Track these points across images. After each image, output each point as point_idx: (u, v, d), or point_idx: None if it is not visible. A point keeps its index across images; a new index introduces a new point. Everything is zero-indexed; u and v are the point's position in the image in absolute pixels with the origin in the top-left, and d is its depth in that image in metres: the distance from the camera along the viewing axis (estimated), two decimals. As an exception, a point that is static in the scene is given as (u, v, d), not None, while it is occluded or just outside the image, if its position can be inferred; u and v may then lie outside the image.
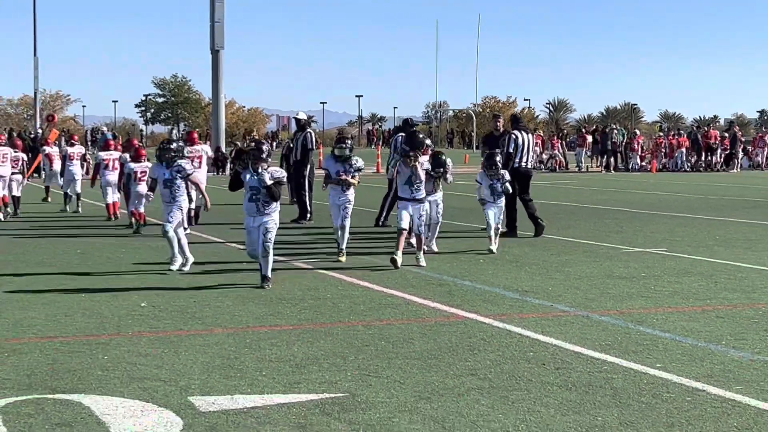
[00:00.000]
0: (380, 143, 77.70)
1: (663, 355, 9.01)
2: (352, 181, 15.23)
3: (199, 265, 14.64)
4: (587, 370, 8.44)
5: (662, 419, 7.04)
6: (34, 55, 60.13)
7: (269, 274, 12.66)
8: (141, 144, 23.45)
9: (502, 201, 16.65)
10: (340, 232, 15.32)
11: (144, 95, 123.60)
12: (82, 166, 26.88)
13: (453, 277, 13.68)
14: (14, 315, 10.85)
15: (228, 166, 48.19)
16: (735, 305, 11.64)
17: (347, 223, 15.31)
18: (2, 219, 23.05)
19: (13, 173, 24.07)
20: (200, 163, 21.14)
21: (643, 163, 53.75)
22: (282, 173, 12.97)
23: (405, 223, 14.61)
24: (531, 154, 19.77)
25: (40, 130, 44.69)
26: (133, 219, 20.45)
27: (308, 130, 23.39)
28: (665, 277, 13.80)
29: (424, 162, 15.11)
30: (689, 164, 53.42)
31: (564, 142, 58.19)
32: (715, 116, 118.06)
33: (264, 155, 12.71)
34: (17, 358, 8.88)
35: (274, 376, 8.23)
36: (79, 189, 25.66)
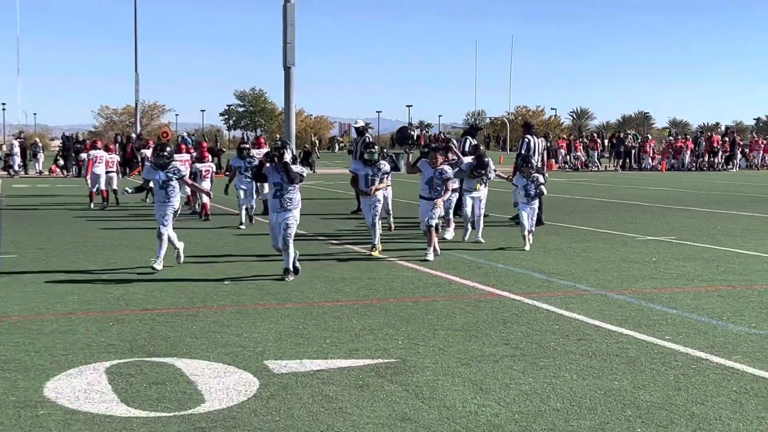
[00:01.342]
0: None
1: (671, 328, 8.93)
2: (380, 187, 14.34)
3: (271, 249, 14.69)
4: (605, 341, 8.38)
5: (670, 384, 6.97)
6: (135, 71, 60.50)
7: (290, 266, 11.79)
8: (206, 147, 24.03)
9: (536, 203, 15.23)
10: (372, 229, 14.48)
11: (227, 105, 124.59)
12: None
13: (489, 261, 13.62)
14: (118, 290, 10.96)
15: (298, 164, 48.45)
16: (734, 286, 11.50)
17: (377, 221, 14.46)
18: (102, 209, 23.56)
19: (107, 172, 24.93)
20: (254, 160, 21.79)
21: (654, 164, 53.40)
22: (302, 169, 12.16)
23: (433, 221, 13.84)
24: (540, 155, 19.67)
25: (133, 135, 45.03)
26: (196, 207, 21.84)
27: (366, 135, 23.55)
28: (673, 261, 13.66)
29: (447, 170, 14.05)
30: (694, 164, 53.16)
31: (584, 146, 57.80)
32: (717, 123, 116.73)
33: (287, 156, 12.02)
34: (121, 326, 8.96)
35: (336, 344, 8.24)
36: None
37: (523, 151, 18.95)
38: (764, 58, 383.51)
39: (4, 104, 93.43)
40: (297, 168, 11.98)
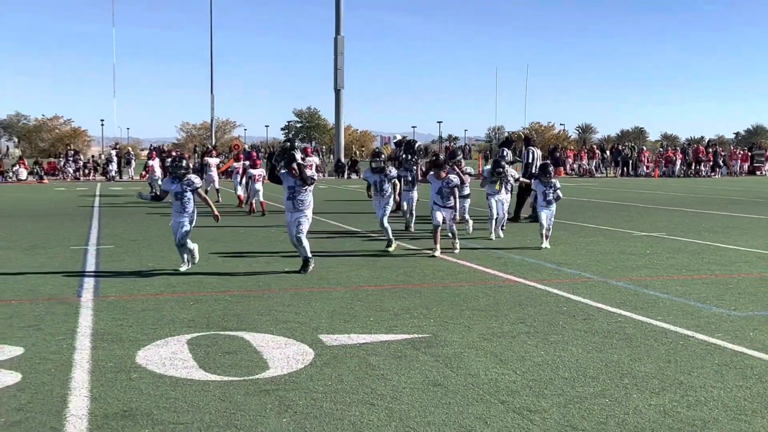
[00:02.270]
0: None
1: (663, 310, 8.83)
2: (393, 195, 13.97)
3: (324, 242, 14.74)
4: (606, 321, 8.31)
5: (662, 357, 6.90)
6: (211, 92, 61.19)
7: (308, 255, 11.32)
8: (257, 156, 24.55)
9: (554, 206, 14.44)
10: (384, 228, 13.84)
11: (287, 121, 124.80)
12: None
13: (507, 253, 13.56)
14: (196, 276, 11.03)
15: (346, 172, 48.59)
16: (716, 275, 11.35)
17: (385, 220, 13.81)
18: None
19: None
20: (311, 169, 22.26)
21: (648, 171, 52.93)
22: (313, 173, 11.73)
23: (439, 220, 13.17)
24: (539, 162, 19.74)
25: (209, 146, 45.31)
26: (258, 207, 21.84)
27: (415, 146, 23.74)
28: (664, 253, 13.51)
29: (453, 179, 13.35)
30: (683, 172, 52.72)
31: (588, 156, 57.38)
32: (702, 136, 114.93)
33: (298, 156, 11.61)
34: (199, 305, 9.02)
35: (378, 321, 8.24)
36: (217, 186, 26.69)
37: (529, 160, 19.32)
38: (742, 79, 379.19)
39: (102, 120, 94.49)
40: (309, 171, 11.64)
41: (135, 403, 5.63)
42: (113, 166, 46.44)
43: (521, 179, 17.56)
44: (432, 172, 13.57)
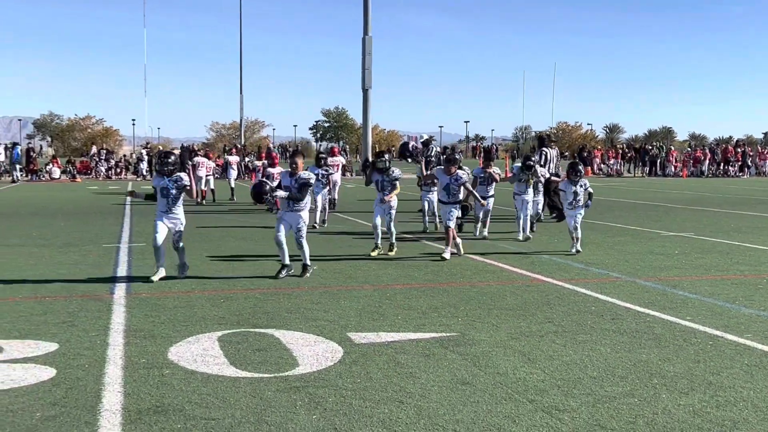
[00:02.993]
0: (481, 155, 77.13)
1: (692, 310, 8.77)
2: (392, 196, 13.31)
3: (352, 241, 14.77)
4: (635, 321, 8.26)
5: (691, 357, 6.85)
6: (240, 92, 61.48)
7: (308, 261, 10.90)
8: (276, 155, 25.04)
9: (583, 208, 13.62)
10: (386, 233, 13.31)
11: (315, 121, 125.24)
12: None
13: (535, 252, 13.51)
14: (227, 273, 11.10)
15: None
16: (746, 275, 11.25)
17: (392, 225, 13.28)
18: (203, 204, 24.78)
19: (206, 176, 26.08)
20: (337, 168, 22.36)
21: (676, 171, 52.51)
22: (309, 175, 10.99)
23: (452, 222, 12.80)
24: (555, 162, 19.71)
25: (238, 146, 45.54)
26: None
27: (431, 146, 23.71)
28: (693, 253, 13.40)
29: (462, 175, 12.96)
30: (711, 172, 52.24)
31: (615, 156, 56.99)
32: (730, 136, 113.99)
33: (298, 162, 10.97)
34: (230, 303, 9.07)
35: (406, 320, 8.25)
36: (232, 184, 27.72)
37: (542, 161, 19.22)
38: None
39: (134, 120, 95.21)
40: (304, 176, 10.89)
41: (167, 398, 5.68)
42: (144, 165, 46.83)
43: (553, 178, 17.43)
44: (441, 167, 13.26)
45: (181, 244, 10.71)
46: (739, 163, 52.96)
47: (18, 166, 42.36)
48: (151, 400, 5.65)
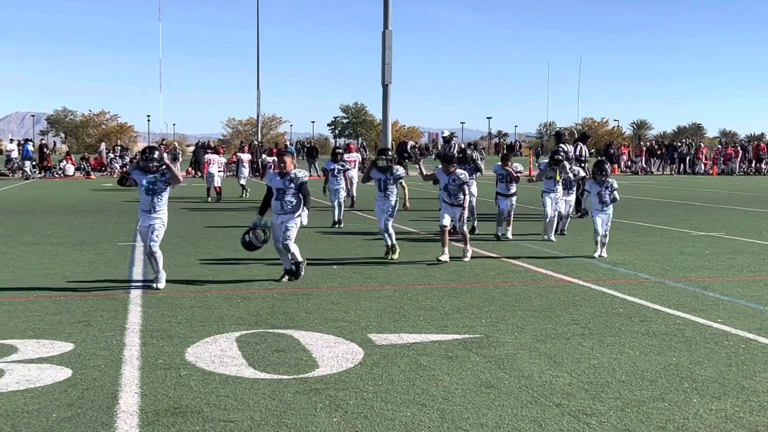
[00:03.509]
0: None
1: (723, 312, 8.71)
2: (394, 194, 12.77)
3: (371, 239, 14.77)
4: (664, 323, 8.22)
5: (722, 360, 6.81)
6: (258, 88, 61.36)
7: (299, 258, 10.50)
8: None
9: (610, 210, 13.01)
10: (386, 234, 12.68)
11: (333, 117, 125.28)
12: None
13: (560, 252, 13.47)
14: (244, 273, 11.14)
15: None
16: (779, 276, 11.18)
17: (390, 225, 12.68)
18: (211, 201, 25.15)
19: (218, 171, 26.35)
20: (354, 165, 22.49)
21: (706, 168, 52.19)
22: (303, 174, 10.60)
23: (446, 222, 12.27)
24: (571, 161, 19.59)
25: (255, 143, 45.64)
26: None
27: (452, 143, 23.80)
28: (724, 254, 13.32)
29: (461, 175, 12.41)
30: (743, 170, 51.88)
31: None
32: (762, 133, 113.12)
33: (286, 161, 10.55)
34: (247, 303, 9.11)
35: (428, 321, 8.24)
36: (243, 181, 28.34)
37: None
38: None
39: (149, 116, 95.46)
40: (300, 175, 10.54)
41: (185, 400, 5.71)
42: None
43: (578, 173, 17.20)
44: (440, 167, 12.68)
45: (156, 249, 9.93)
46: (772, 161, 52.60)
47: (31, 163, 42.64)
48: (168, 401, 5.68)
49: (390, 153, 13.47)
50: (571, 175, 15.66)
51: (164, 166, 10.04)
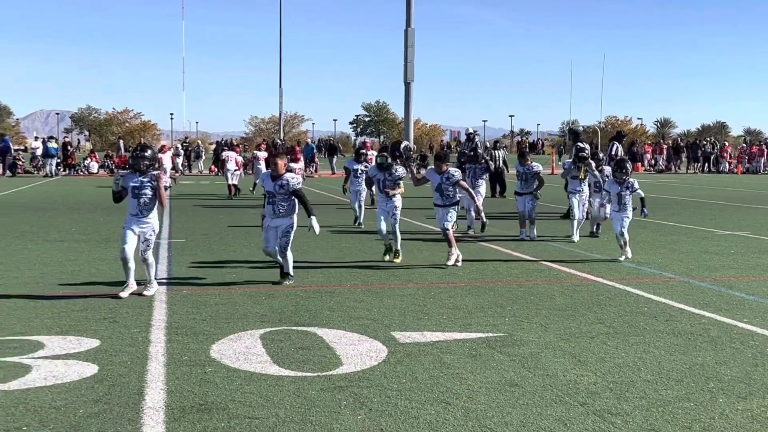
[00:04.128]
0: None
1: (748, 312, 8.65)
2: (396, 192, 12.17)
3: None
4: (689, 322, 8.18)
5: (749, 360, 6.76)
6: (280, 87, 61.39)
7: (290, 271, 10.10)
8: (299, 150, 25.72)
9: (630, 211, 12.24)
10: (392, 236, 12.09)
11: (355, 115, 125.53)
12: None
13: (584, 251, 13.42)
14: (267, 271, 11.15)
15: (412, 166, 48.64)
16: (806, 276, 11.07)
17: (398, 227, 12.13)
18: (230, 199, 25.42)
19: (235, 170, 26.66)
20: (370, 163, 22.46)
21: (731, 167, 51.78)
22: (298, 180, 10.17)
23: (448, 224, 11.73)
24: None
25: (278, 141, 45.77)
26: None
27: (475, 141, 23.85)
28: (749, 253, 13.21)
29: (454, 173, 11.85)
30: (767, 168, 51.45)
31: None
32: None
33: (279, 164, 10.13)
34: (271, 300, 9.14)
35: (451, 319, 8.24)
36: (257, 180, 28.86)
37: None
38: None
39: (172, 114, 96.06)
40: (294, 182, 10.10)
41: (210, 396, 5.74)
42: (180, 160, 47.37)
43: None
44: (432, 167, 11.98)
45: (149, 256, 9.34)
46: (797, 160, 52.10)
47: (55, 161, 42.90)
48: (194, 397, 5.71)
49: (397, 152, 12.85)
50: (596, 173, 15.15)
51: (157, 178, 9.33)
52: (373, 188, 22.02)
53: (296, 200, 10.09)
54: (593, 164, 15.34)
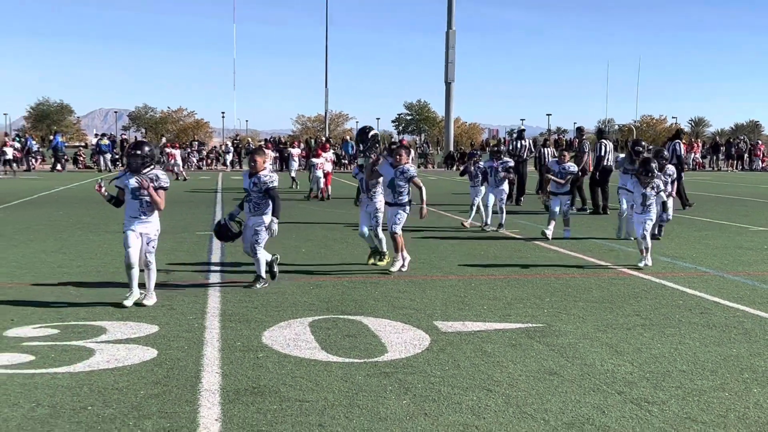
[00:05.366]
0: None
1: (783, 306, 8.53)
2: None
3: (436, 231, 14.77)
4: (724, 315, 8.08)
5: (783, 353, 6.68)
6: (326, 86, 61.67)
7: (261, 273, 9.25)
8: (324, 146, 25.98)
9: (653, 212, 11.07)
10: (376, 239, 10.78)
11: (397, 114, 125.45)
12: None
13: (620, 246, 13.29)
14: (315, 261, 11.24)
15: (455, 164, 48.54)
16: (839, 272, 10.86)
17: (380, 230, 10.70)
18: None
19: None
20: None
21: (764, 165, 50.92)
22: (273, 179, 9.21)
23: (398, 228, 10.48)
24: (612, 155, 19.86)
25: (323, 138, 46.02)
26: (318, 194, 23.41)
27: (524, 138, 23.93)
28: (783, 249, 13.01)
29: (409, 168, 10.56)
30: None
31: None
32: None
33: (257, 160, 9.28)
34: (319, 290, 9.20)
35: (491, 310, 8.23)
36: (293, 174, 29.47)
37: (601, 153, 19.35)
38: None
39: (223, 112, 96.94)
40: (269, 180, 9.16)
41: (263, 380, 5.80)
42: (230, 157, 47.89)
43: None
44: (388, 160, 10.60)
45: (151, 261, 8.39)
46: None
47: (109, 156, 43.37)
48: (247, 381, 5.78)
49: (375, 151, 10.94)
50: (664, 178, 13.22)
51: (159, 178, 8.43)
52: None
53: (269, 200, 9.19)
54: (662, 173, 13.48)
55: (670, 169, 13.77)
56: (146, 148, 8.45)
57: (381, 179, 10.63)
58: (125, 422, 4.99)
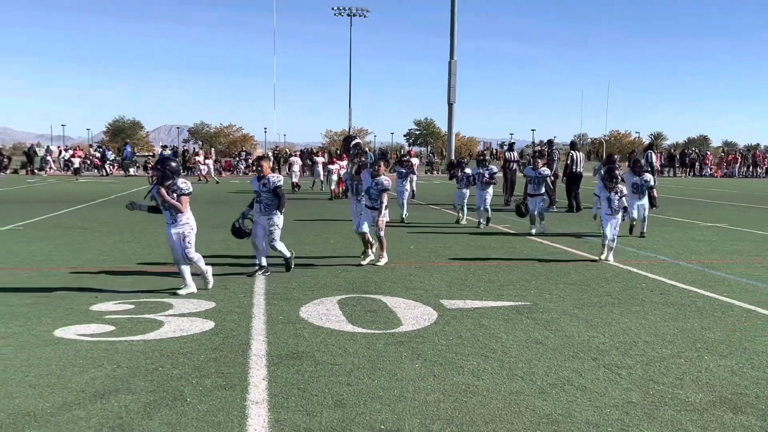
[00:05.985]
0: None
1: (728, 288, 8.47)
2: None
3: (441, 227, 14.74)
4: (680, 295, 8.04)
5: (728, 326, 6.64)
6: (349, 105, 61.81)
7: (286, 254, 9.14)
8: (341, 156, 26.20)
9: (619, 215, 10.70)
10: (361, 237, 10.10)
11: (408, 129, 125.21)
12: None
13: (593, 239, 13.22)
14: (341, 250, 11.25)
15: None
16: (775, 260, 10.78)
17: (365, 229, 9.95)
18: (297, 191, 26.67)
19: (296, 171, 29.25)
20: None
21: (712, 172, 50.53)
22: (279, 179, 8.91)
23: (365, 228, 9.96)
24: (582, 164, 19.90)
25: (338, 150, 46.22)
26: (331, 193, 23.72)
27: (514, 149, 23.74)
28: (728, 241, 12.90)
29: (383, 180, 9.89)
30: (741, 173, 50.08)
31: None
32: (758, 143, 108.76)
33: (263, 165, 8.96)
34: (345, 273, 9.22)
35: (488, 291, 8.22)
36: (321, 178, 29.49)
37: (568, 162, 19.08)
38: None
39: (265, 128, 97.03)
40: (275, 180, 8.90)
41: (301, 347, 5.83)
42: (211, 164, 48.35)
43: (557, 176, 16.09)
44: (371, 170, 10.03)
45: (192, 256, 7.86)
46: (766, 166, 50.63)
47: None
48: (288, 348, 5.81)
49: (363, 158, 10.42)
50: (637, 179, 13.37)
51: (180, 188, 7.83)
52: (413, 184, 21.85)
53: (276, 199, 8.88)
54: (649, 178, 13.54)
55: (647, 176, 13.43)
56: (171, 163, 7.83)
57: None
58: (189, 380, 5.02)
